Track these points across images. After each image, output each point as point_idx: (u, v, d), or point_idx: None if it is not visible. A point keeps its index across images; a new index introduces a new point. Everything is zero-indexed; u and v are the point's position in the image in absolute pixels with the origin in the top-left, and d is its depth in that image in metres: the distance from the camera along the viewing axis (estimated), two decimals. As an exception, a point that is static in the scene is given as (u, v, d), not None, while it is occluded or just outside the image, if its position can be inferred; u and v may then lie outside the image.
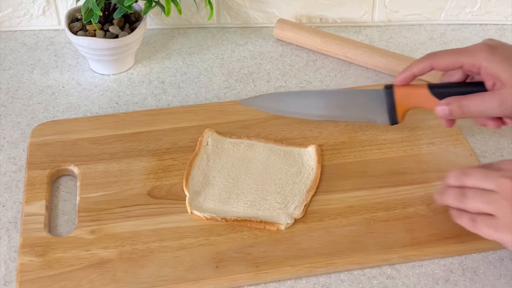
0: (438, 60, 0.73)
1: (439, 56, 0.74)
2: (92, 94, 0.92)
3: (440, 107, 0.73)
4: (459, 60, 0.72)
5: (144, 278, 0.67)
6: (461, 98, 0.72)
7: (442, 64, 0.73)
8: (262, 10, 1.03)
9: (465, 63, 0.72)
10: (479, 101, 0.71)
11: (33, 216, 0.73)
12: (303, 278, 0.69)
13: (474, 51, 0.72)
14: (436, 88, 0.75)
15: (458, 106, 0.72)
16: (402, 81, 0.76)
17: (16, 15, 1.02)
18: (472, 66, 0.72)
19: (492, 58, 0.70)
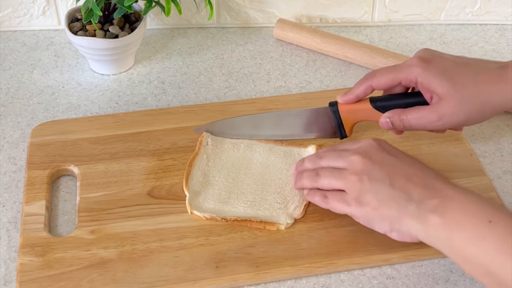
0: (376, 81, 0.74)
1: (377, 76, 0.74)
2: (92, 94, 0.92)
3: (383, 120, 0.74)
4: (395, 78, 0.73)
5: (144, 278, 0.67)
6: (402, 112, 0.73)
7: (380, 84, 0.74)
8: (262, 10, 1.03)
9: (402, 79, 0.73)
10: (418, 116, 0.72)
11: (33, 216, 0.73)
12: (303, 278, 0.69)
13: (409, 66, 0.72)
14: (378, 102, 0.75)
15: (399, 120, 0.73)
16: (346, 102, 0.76)
17: (16, 15, 1.02)
18: (409, 81, 0.72)
19: (427, 73, 0.71)
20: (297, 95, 0.90)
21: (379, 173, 0.66)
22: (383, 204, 0.65)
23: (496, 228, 0.58)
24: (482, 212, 0.60)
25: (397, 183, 0.65)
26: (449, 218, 0.61)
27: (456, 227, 0.60)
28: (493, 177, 0.79)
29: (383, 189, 0.65)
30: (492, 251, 0.58)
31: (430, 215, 0.62)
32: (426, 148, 0.81)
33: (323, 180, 0.69)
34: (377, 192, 0.65)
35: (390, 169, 0.66)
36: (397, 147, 0.80)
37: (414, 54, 0.97)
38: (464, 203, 0.62)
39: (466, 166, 0.79)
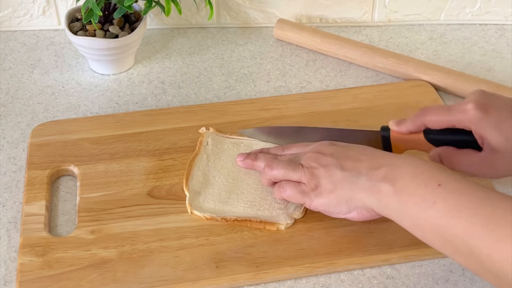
0: (430, 120, 0.73)
1: (431, 116, 0.73)
2: (92, 94, 0.92)
3: (433, 155, 0.74)
4: (449, 121, 0.72)
5: (144, 278, 0.67)
6: (453, 155, 0.72)
7: (433, 124, 0.73)
8: (262, 10, 1.03)
9: (455, 124, 0.72)
10: (469, 164, 0.72)
11: (33, 216, 0.73)
12: (303, 278, 0.69)
13: (464, 112, 0.70)
14: (431, 135, 0.74)
15: (449, 162, 0.73)
16: (398, 132, 0.75)
17: (16, 15, 1.02)
18: (463, 126, 0.71)
19: (482, 123, 0.69)
20: (297, 95, 0.90)
21: (330, 160, 0.68)
22: (337, 187, 0.67)
23: (445, 190, 0.59)
24: (431, 177, 0.61)
25: (346, 165, 0.67)
26: (399, 185, 0.62)
27: (406, 193, 0.61)
28: (493, 177, 0.79)
29: (335, 172, 0.67)
30: (444, 214, 0.58)
31: (380, 184, 0.63)
32: (426, 148, 0.81)
33: (278, 171, 0.71)
34: (330, 176, 0.67)
35: (339, 155, 0.68)
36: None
37: (413, 54, 0.98)
38: (413, 169, 0.62)
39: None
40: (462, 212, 0.57)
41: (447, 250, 0.60)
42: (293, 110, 0.86)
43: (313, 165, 0.69)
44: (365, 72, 0.96)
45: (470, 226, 0.56)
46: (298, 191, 0.70)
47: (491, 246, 0.55)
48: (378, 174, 0.64)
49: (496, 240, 0.55)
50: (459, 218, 0.57)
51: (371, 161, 0.66)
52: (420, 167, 0.63)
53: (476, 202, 0.57)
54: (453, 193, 0.59)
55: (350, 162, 0.67)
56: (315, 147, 0.71)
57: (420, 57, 0.98)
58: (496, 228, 0.55)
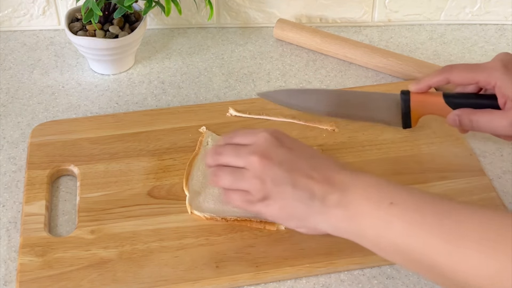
0: (454, 75, 0.75)
1: (456, 71, 0.75)
2: (92, 94, 0.92)
3: (452, 117, 0.75)
4: (474, 77, 0.73)
5: (144, 278, 0.67)
6: (472, 112, 0.74)
7: (458, 79, 0.75)
8: (262, 10, 1.03)
9: (481, 80, 0.73)
10: (489, 119, 0.73)
11: (33, 216, 0.73)
12: (303, 278, 0.69)
13: (490, 68, 0.73)
14: (451, 98, 0.76)
15: (468, 120, 0.74)
16: (417, 91, 0.77)
17: (16, 15, 1.02)
18: (487, 83, 0.73)
19: (507, 78, 0.71)
20: (297, 95, 0.90)
21: (280, 174, 0.64)
22: (289, 205, 0.64)
23: (399, 208, 0.58)
24: (382, 196, 0.60)
25: (299, 183, 0.63)
26: (353, 210, 0.61)
27: (361, 217, 0.60)
28: (493, 177, 0.79)
29: (286, 190, 0.64)
30: (401, 233, 0.57)
31: (334, 210, 0.62)
32: (426, 148, 0.81)
33: (223, 182, 0.67)
34: (281, 194, 0.64)
35: (289, 166, 0.64)
36: (396, 148, 0.81)
37: (413, 54, 0.98)
38: (364, 190, 0.61)
39: (466, 166, 0.79)
40: (420, 228, 0.57)
41: (411, 267, 0.59)
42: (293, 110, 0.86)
43: (261, 176, 0.64)
44: (365, 72, 0.96)
45: (429, 241, 0.56)
46: (246, 200, 0.66)
47: (453, 261, 0.54)
48: (332, 200, 0.62)
49: (457, 255, 0.54)
50: (417, 235, 0.57)
51: (324, 179, 0.63)
52: (371, 187, 0.61)
53: (433, 216, 0.57)
54: (407, 210, 0.58)
55: (302, 179, 0.63)
56: (260, 147, 0.65)
57: (420, 57, 0.98)
58: (455, 240, 0.54)
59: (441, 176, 0.77)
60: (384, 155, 0.80)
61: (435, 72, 0.76)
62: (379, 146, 0.81)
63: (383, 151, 0.81)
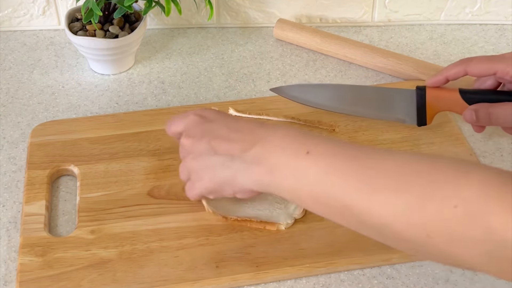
0: (472, 66, 0.74)
1: (473, 62, 0.74)
2: (92, 94, 0.92)
3: (468, 112, 0.75)
4: (492, 67, 0.73)
5: (144, 278, 0.67)
6: (490, 106, 0.73)
7: (476, 70, 0.74)
8: (262, 10, 1.03)
9: (499, 70, 0.72)
10: (507, 111, 0.72)
11: (33, 216, 0.73)
12: (303, 278, 0.69)
13: (509, 58, 0.72)
14: (468, 94, 0.76)
15: (485, 113, 0.73)
16: (434, 84, 0.77)
17: (16, 15, 1.02)
18: (506, 73, 0.72)
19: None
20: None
21: (202, 146, 0.66)
22: (216, 174, 0.65)
23: (315, 156, 0.58)
24: (300, 146, 0.59)
25: (219, 148, 0.64)
26: (271, 163, 0.61)
27: (278, 169, 0.60)
28: (493, 177, 0.79)
29: (209, 160, 0.65)
30: (318, 180, 0.57)
31: (254, 166, 0.62)
32: (426, 148, 0.81)
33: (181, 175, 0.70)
34: (206, 166, 0.66)
35: (210, 136, 0.66)
36: (396, 148, 0.81)
37: (413, 54, 0.98)
38: (281, 141, 0.61)
39: (466, 166, 0.79)
40: (335, 173, 0.56)
41: (329, 215, 0.59)
42: (293, 110, 0.86)
43: (190, 155, 0.67)
44: (365, 72, 0.96)
45: (345, 185, 0.56)
46: (188, 187, 0.69)
47: (368, 199, 0.54)
48: (250, 155, 0.62)
49: (372, 193, 0.54)
50: (333, 181, 0.56)
51: (243, 140, 0.63)
52: (288, 138, 0.61)
53: (348, 160, 0.57)
54: (323, 156, 0.58)
55: (222, 144, 0.64)
56: (187, 128, 0.68)
57: (420, 57, 0.98)
58: (370, 181, 0.54)
59: (441, 176, 0.77)
60: (384, 155, 0.80)
61: (452, 64, 0.76)
62: (379, 146, 0.81)
63: (383, 151, 0.81)
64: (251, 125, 0.65)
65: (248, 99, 0.90)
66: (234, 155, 0.63)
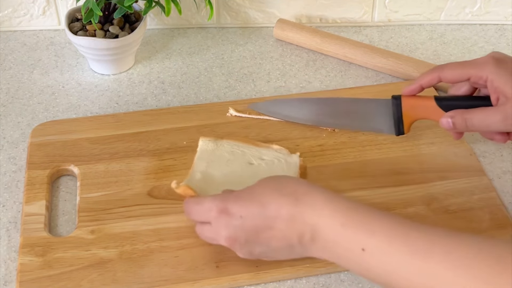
0: (446, 72, 0.74)
1: (446, 68, 0.74)
2: (92, 94, 0.92)
3: (445, 119, 0.74)
4: (466, 72, 0.73)
5: (144, 278, 0.67)
6: (465, 112, 0.73)
7: (449, 76, 0.74)
8: (262, 10, 1.03)
9: (472, 75, 0.72)
10: (483, 116, 0.72)
11: (33, 216, 0.73)
12: (303, 278, 0.69)
13: (481, 63, 0.72)
14: (443, 101, 0.75)
15: (462, 119, 0.73)
16: (410, 93, 0.77)
17: (16, 15, 1.02)
18: (479, 78, 0.72)
19: (498, 72, 0.70)
20: (297, 95, 0.90)
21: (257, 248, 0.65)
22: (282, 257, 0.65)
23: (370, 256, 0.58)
24: (353, 242, 0.59)
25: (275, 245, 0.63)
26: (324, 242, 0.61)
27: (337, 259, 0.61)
28: (493, 177, 0.79)
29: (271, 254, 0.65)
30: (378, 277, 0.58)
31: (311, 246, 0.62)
32: (426, 148, 0.81)
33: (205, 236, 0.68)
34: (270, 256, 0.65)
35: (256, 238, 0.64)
36: (396, 148, 0.81)
37: (413, 54, 0.98)
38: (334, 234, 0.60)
39: (466, 166, 0.79)
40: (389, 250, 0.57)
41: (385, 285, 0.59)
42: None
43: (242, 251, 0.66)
44: (365, 72, 0.96)
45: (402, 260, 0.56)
46: None
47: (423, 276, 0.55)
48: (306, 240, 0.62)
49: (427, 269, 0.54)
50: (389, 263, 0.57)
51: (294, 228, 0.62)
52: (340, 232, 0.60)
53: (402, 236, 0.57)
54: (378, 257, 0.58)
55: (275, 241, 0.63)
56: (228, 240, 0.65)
57: (420, 57, 0.98)
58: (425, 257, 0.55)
59: (441, 176, 0.77)
60: (384, 155, 0.80)
61: (426, 72, 0.75)
62: (379, 146, 0.81)
63: (383, 151, 0.81)
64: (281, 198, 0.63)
65: (248, 99, 0.90)
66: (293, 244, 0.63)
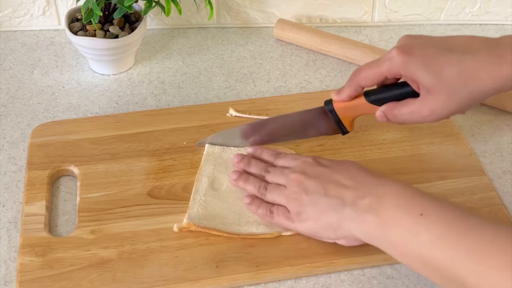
0: (363, 80, 0.72)
1: (362, 74, 0.72)
2: (92, 94, 0.92)
3: (378, 114, 0.74)
4: (379, 73, 0.71)
5: (144, 278, 0.67)
6: (394, 108, 0.72)
7: (368, 82, 0.72)
8: (262, 10, 1.03)
9: (386, 74, 0.70)
10: (410, 111, 0.71)
11: (33, 216, 0.73)
12: (303, 278, 0.69)
13: (389, 60, 0.69)
14: (372, 95, 0.74)
15: (392, 116, 0.72)
16: (340, 101, 0.75)
17: (16, 15, 1.02)
18: (394, 74, 0.70)
19: (409, 66, 0.68)
20: (297, 95, 0.90)
21: (314, 186, 0.68)
22: (322, 214, 0.66)
23: (428, 220, 0.59)
24: (414, 206, 0.60)
25: (331, 192, 0.66)
26: (383, 216, 0.61)
27: (390, 224, 0.61)
28: (493, 177, 0.79)
29: (319, 200, 0.67)
30: (428, 245, 0.58)
31: (366, 214, 0.63)
32: (426, 148, 0.81)
33: (269, 195, 0.72)
34: (315, 204, 0.67)
35: (323, 180, 0.68)
36: (396, 148, 0.81)
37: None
38: (396, 198, 0.62)
39: (466, 166, 0.79)
40: (446, 243, 0.57)
41: (436, 279, 0.59)
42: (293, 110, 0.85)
43: (296, 191, 0.69)
44: (365, 72, 0.96)
45: (456, 256, 0.56)
46: (286, 217, 0.70)
47: (478, 276, 0.54)
48: (363, 204, 0.63)
49: (482, 271, 0.54)
50: (443, 249, 0.57)
51: (356, 188, 0.65)
52: (404, 196, 0.62)
53: (460, 232, 0.57)
54: (436, 223, 0.58)
55: (334, 188, 0.66)
56: (300, 166, 0.71)
57: (420, 57, 0.98)
58: (481, 258, 0.54)
59: (441, 176, 0.77)
60: (384, 155, 0.80)
61: (348, 82, 0.74)
62: (379, 146, 0.82)
63: (383, 151, 0.81)
64: (367, 176, 0.67)
65: (248, 99, 0.90)
66: (345, 200, 0.65)
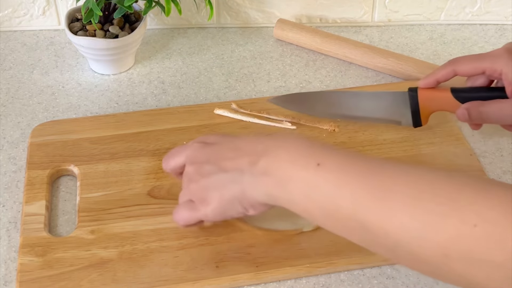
0: (460, 66, 0.74)
1: (461, 62, 0.74)
2: (92, 94, 0.92)
3: (461, 111, 0.75)
4: (480, 66, 0.73)
5: (144, 278, 0.67)
6: (481, 104, 0.73)
7: (464, 70, 0.74)
8: (262, 10, 1.03)
9: (486, 68, 0.73)
10: (497, 109, 0.72)
11: (33, 216, 0.73)
12: (303, 278, 0.69)
13: (495, 56, 0.72)
14: (459, 92, 0.76)
15: (477, 112, 0.73)
16: (425, 86, 0.77)
17: (16, 15, 1.02)
18: (493, 71, 0.72)
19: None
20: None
21: (208, 168, 0.64)
22: (225, 190, 0.63)
23: (326, 169, 0.56)
24: (309, 157, 0.57)
25: (226, 166, 0.62)
26: (280, 174, 0.58)
27: (288, 181, 0.58)
28: (493, 177, 0.79)
29: (218, 178, 0.63)
30: (329, 194, 0.55)
31: (263, 177, 0.59)
32: (426, 148, 0.81)
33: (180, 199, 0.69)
34: (215, 183, 0.63)
35: (216, 157, 0.64)
36: (397, 148, 0.81)
37: (413, 54, 0.98)
38: (289, 153, 0.59)
39: (466, 166, 0.79)
40: (346, 188, 0.54)
41: (341, 231, 0.57)
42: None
43: (194, 179, 0.65)
44: (365, 72, 0.96)
45: (358, 201, 0.53)
46: (189, 208, 0.66)
47: (382, 218, 0.52)
48: (259, 167, 0.60)
49: (386, 211, 0.52)
50: (344, 196, 0.54)
51: (250, 153, 0.61)
52: (299, 149, 0.59)
53: (360, 175, 0.54)
54: (333, 170, 0.55)
55: (229, 162, 0.62)
56: (190, 156, 0.66)
57: (420, 57, 0.98)
58: (384, 199, 0.52)
59: (441, 176, 0.77)
60: (384, 155, 0.80)
61: (441, 66, 0.76)
62: (379, 146, 0.82)
63: (383, 151, 0.81)
64: (258, 136, 0.63)
65: (248, 99, 0.90)
66: (243, 169, 0.61)
